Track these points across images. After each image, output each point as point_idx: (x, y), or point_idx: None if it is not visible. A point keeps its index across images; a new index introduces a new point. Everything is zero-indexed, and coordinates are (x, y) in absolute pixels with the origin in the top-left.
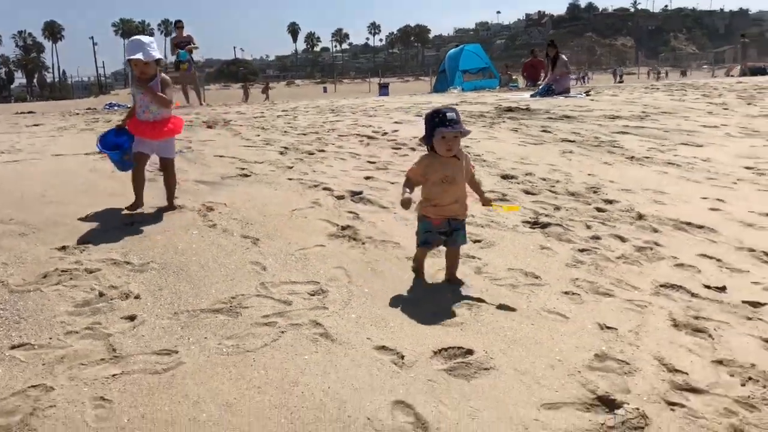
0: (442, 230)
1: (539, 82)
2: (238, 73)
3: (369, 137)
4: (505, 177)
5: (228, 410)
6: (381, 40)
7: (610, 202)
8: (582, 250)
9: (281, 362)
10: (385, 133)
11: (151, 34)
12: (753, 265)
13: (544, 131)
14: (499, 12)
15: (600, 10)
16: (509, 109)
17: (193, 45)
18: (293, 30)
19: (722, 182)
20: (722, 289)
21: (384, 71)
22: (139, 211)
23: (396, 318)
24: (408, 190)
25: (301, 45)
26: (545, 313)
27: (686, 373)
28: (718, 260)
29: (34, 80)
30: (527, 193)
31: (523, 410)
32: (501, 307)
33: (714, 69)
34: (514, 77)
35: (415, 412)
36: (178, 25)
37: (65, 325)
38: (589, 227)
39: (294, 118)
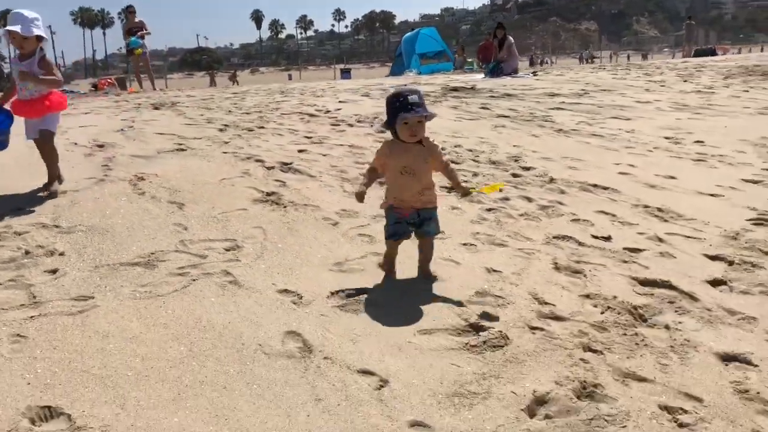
0: (410, 221)
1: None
2: (202, 61)
3: (311, 115)
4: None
5: (133, 341)
6: (347, 26)
7: (527, 168)
8: (489, 210)
9: (188, 304)
10: (328, 111)
11: (111, 23)
12: (643, 219)
13: (482, 108)
14: None
15: None
16: (455, 89)
17: (145, 31)
18: (257, 17)
19: (639, 150)
20: (608, 238)
21: (350, 58)
22: (63, 186)
23: (303, 267)
24: (366, 181)
25: (265, 33)
26: (441, 260)
27: (554, 305)
28: (613, 215)
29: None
30: (451, 162)
31: (400, 335)
32: None
33: (674, 52)
34: (469, 59)
35: (303, 338)
36: (130, 10)
37: None
38: (501, 190)
39: (242, 99)
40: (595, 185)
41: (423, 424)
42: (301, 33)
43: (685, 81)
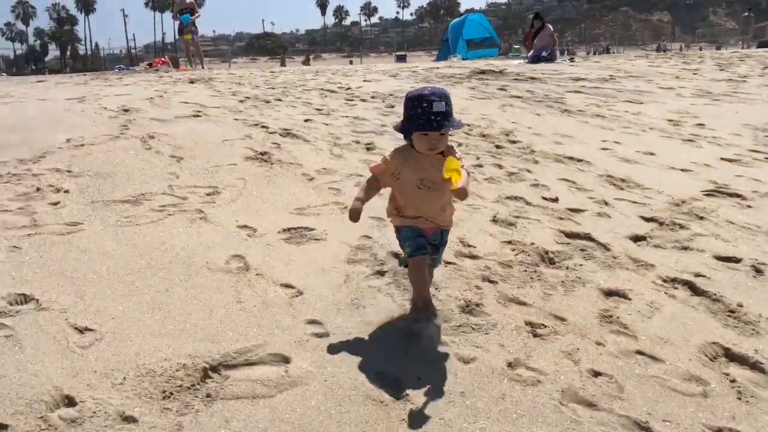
0: (433, 241)
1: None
2: (267, 46)
3: (330, 91)
4: None
5: (105, 255)
6: (411, 14)
7: (513, 142)
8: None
9: (159, 232)
10: (348, 89)
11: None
12: (600, 187)
13: (500, 89)
14: None
15: None
16: (483, 72)
17: (196, 14)
18: (322, 3)
19: (633, 130)
20: (555, 200)
21: (413, 45)
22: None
23: (267, 210)
24: (362, 195)
25: (330, 19)
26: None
27: (474, 247)
28: (573, 182)
29: (68, 52)
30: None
31: (328, 262)
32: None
33: (751, 45)
34: (516, 46)
35: (245, 260)
36: None
37: (2, 206)
38: (478, 158)
39: (274, 77)
40: (570, 158)
41: (317, 322)
42: (365, 20)
43: (722, 70)
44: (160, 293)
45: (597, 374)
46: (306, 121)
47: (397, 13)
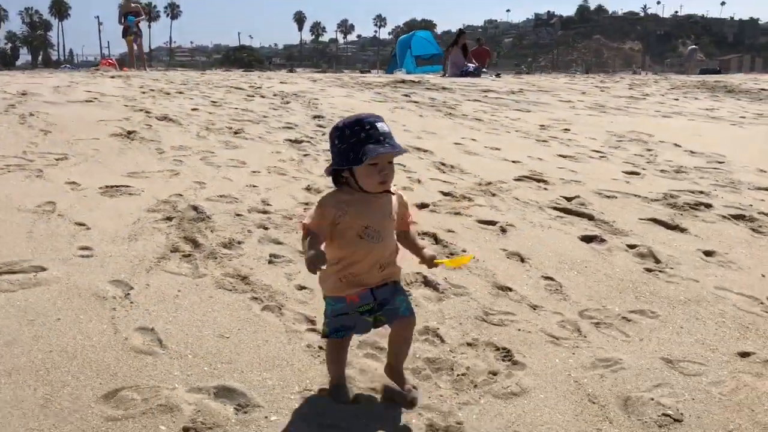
0: (363, 308)
1: (484, 68)
2: (243, 59)
3: (238, 88)
4: (316, 117)
5: None
6: (389, 33)
7: None
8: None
9: None
10: (259, 88)
11: (158, 17)
12: (426, 170)
13: (404, 95)
14: (508, 10)
15: (609, 12)
16: (403, 81)
17: (142, 17)
18: (299, 18)
19: (498, 132)
20: None
21: (389, 63)
22: None
23: (103, 173)
24: (311, 247)
25: (307, 35)
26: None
27: (284, 209)
28: (404, 165)
29: (39, 58)
30: (320, 126)
31: (130, 210)
32: None
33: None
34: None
35: (55, 205)
36: None
37: None
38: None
39: (199, 77)
40: (417, 148)
41: (88, 248)
42: (342, 37)
43: (631, 88)
44: None
45: None
46: (193, 109)
47: (375, 32)
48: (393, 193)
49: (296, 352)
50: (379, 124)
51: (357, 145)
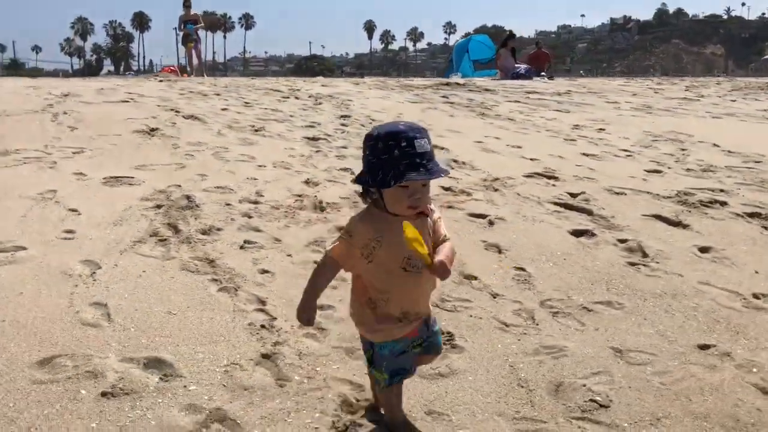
0: (418, 342)
1: (542, 71)
2: (314, 68)
3: (276, 91)
4: (343, 116)
5: None
6: (458, 40)
7: None
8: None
9: (5, 172)
10: (297, 90)
11: (232, 27)
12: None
13: (442, 97)
14: (583, 15)
15: (690, 16)
16: (447, 84)
17: (200, 24)
18: (369, 27)
19: (526, 131)
20: None
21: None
22: None
23: (112, 165)
24: (310, 290)
25: (377, 44)
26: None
27: (276, 200)
28: None
29: (121, 68)
30: (343, 125)
31: (125, 198)
32: None
33: None
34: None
35: (55, 193)
36: (186, 4)
37: None
38: (345, 138)
39: (249, 82)
40: (435, 146)
41: (72, 231)
42: (412, 45)
43: (687, 90)
44: None
45: None
46: (222, 109)
47: (445, 39)
48: (426, 215)
49: (236, 330)
50: (418, 142)
51: (387, 164)
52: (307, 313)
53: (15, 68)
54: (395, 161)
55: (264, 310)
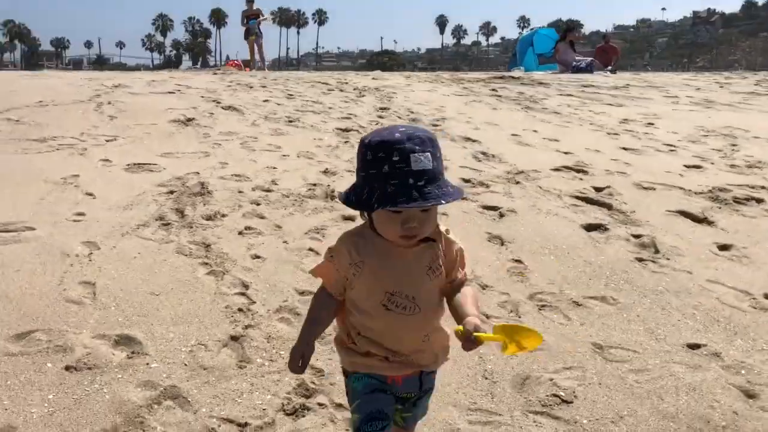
0: (403, 393)
1: (609, 66)
2: (386, 64)
3: (323, 83)
4: (382, 109)
5: None
6: None
7: (434, 124)
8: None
9: (38, 158)
10: (345, 83)
11: (306, 23)
12: (463, 159)
13: (491, 90)
14: (664, 9)
15: None
16: (501, 77)
17: (261, 17)
18: (441, 22)
19: (569, 124)
20: None
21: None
22: None
23: (140, 153)
24: (308, 328)
25: (449, 38)
26: None
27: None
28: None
29: (199, 63)
30: (380, 117)
31: (142, 183)
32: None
33: None
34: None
35: (77, 178)
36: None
37: None
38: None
39: (306, 74)
40: (467, 138)
41: (82, 213)
42: (484, 39)
43: (756, 85)
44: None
45: None
46: (264, 101)
47: (519, 33)
48: (433, 240)
49: (212, 312)
50: (415, 157)
51: (374, 181)
52: (296, 351)
53: (100, 64)
54: (383, 179)
55: (245, 294)
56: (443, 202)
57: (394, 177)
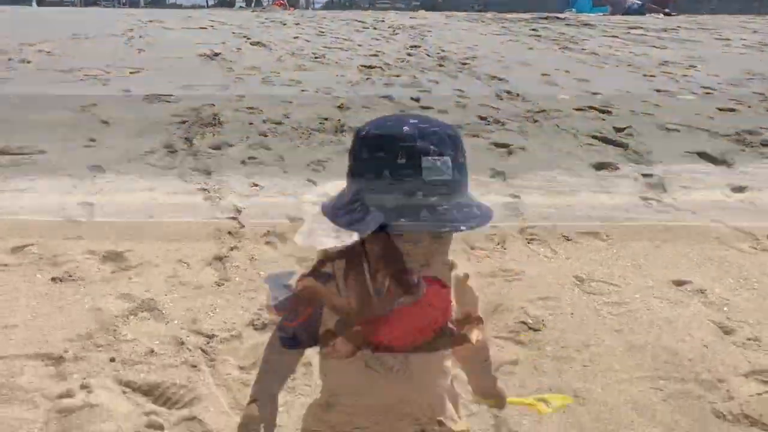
0: None
1: (666, 8)
2: (439, 6)
3: (358, 21)
4: (412, 47)
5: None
6: None
7: (463, 63)
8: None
9: (62, 84)
10: (381, 21)
11: None
12: (483, 96)
13: (532, 30)
14: None
15: None
16: (546, 18)
17: None
18: None
19: (603, 65)
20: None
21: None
22: None
23: (158, 80)
24: (259, 389)
25: None
26: None
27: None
28: (461, 91)
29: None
30: (409, 55)
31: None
32: None
33: None
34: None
35: (101, 162)
36: None
37: None
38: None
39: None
40: (494, 77)
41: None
42: None
43: None
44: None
45: None
46: (294, 38)
47: None
48: (444, 285)
49: (202, 233)
50: (428, 160)
51: (368, 192)
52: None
53: (156, 4)
54: (382, 189)
55: (236, 218)
56: (463, 228)
57: (397, 187)
